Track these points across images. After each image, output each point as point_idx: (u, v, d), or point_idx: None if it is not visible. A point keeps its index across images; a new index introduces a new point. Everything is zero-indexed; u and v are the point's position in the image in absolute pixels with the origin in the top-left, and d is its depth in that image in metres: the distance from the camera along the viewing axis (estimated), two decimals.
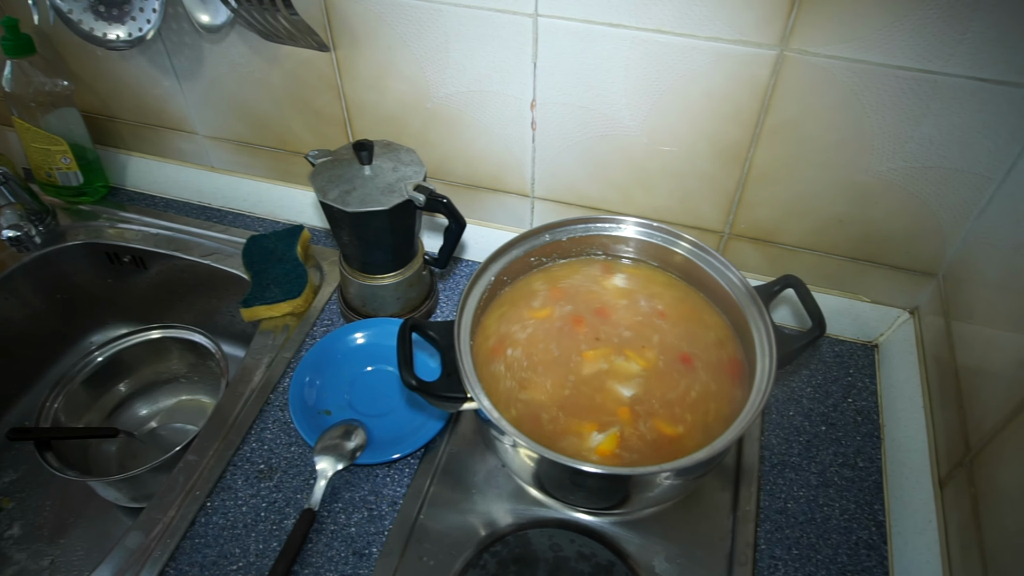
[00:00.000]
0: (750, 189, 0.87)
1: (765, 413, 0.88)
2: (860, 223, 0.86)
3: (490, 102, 0.90)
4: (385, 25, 0.86)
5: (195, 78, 1.03)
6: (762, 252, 0.94)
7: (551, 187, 0.97)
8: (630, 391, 0.73)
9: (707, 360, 0.76)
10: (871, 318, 0.95)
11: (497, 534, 0.75)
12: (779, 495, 0.80)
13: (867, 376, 0.93)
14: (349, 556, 0.74)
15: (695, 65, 0.78)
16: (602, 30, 0.78)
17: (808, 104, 0.77)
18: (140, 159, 1.19)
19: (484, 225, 1.06)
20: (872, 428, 0.87)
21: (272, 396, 0.89)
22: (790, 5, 0.71)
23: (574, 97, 0.86)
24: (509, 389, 0.73)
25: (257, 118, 1.05)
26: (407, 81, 0.91)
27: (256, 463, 0.82)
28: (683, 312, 0.81)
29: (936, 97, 0.73)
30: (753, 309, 0.75)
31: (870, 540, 0.76)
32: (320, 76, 0.95)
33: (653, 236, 0.83)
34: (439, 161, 1.00)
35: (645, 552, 0.73)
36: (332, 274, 1.05)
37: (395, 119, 0.97)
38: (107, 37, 0.92)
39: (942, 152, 0.77)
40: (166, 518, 0.77)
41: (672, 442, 0.70)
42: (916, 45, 0.70)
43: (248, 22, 0.86)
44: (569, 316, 0.80)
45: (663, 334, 0.78)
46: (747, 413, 0.66)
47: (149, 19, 0.91)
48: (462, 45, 0.85)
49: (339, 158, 0.86)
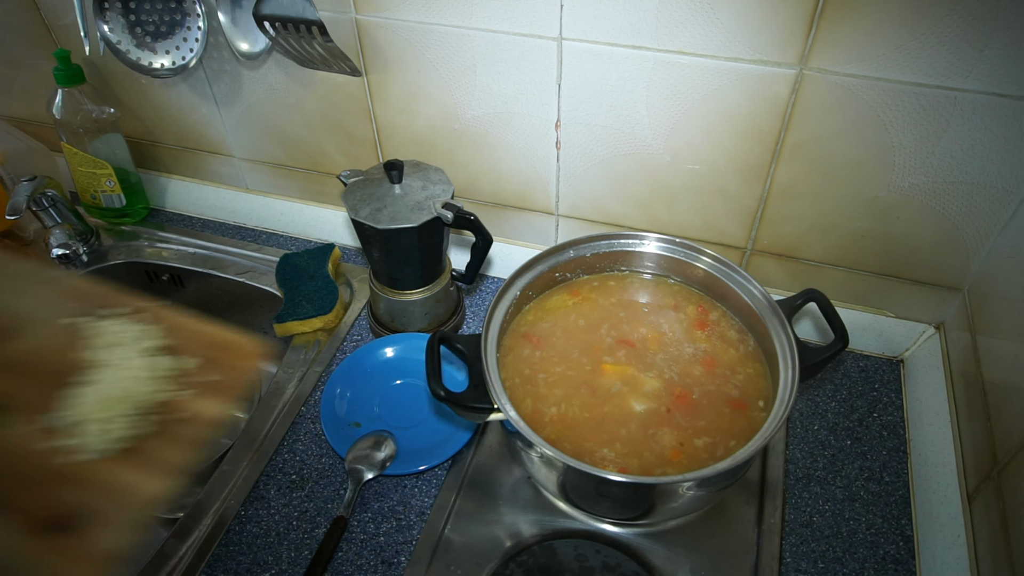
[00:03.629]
0: (772, 205, 0.89)
1: (790, 427, 0.88)
2: (883, 239, 0.87)
3: (516, 123, 0.93)
4: (415, 50, 0.90)
5: (233, 104, 1.07)
6: (785, 268, 0.95)
7: (575, 205, 0.99)
8: (647, 405, 0.74)
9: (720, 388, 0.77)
10: (896, 333, 0.95)
11: (523, 544, 0.76)
12: (804, 509, 0.80)
13: (893, 391, 0.92)
14: (378, 565, 0.76)
15: (716, 85, 0.80)
16: (625, 52, 0.81)
17: (828, 122, 0.79)
18: (179, 181, 1.24)
19: (510, 242, 1.08)
20: (898, 442, 0.86)
21: (304, 409, 0.92)
22: (809, 25, 0.72)
23: (598, 117, 0.88)
24: (535, 400, 0.75)
25: (291, 141, 1.09)
26: (436, 103, 0.95)
27: (288, 474, 0.85)
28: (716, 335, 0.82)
29: (956, 113, 0.73)
30: (776, 322, 0.76)
31: (897, 555, 0.76)
32: (352, 100, 0.99)
33: (675, 251, 0.84)
34: (467, 180, 1.02)
35: (670, 564, 0.74)
36: (362, 291, 1.08)
37: (424, 140, 1.00)
38: (152, 66, 0.98)
39: (964, 167, 0.77)
40: (201, 526, 0.80)
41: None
42: (935, 62, 0.71)
43: (285, 49, 0.91)
44: (593, 329, 0.82)
45: (689, 352, 0.79)
46: (770, 424, 0.67)
47: (192, 48, 0.96)
48: (489, 68, 0.88)
49: (370, 178, 0.89)
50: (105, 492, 0.49)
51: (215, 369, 0.60)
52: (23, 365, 0.56)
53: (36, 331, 0.58)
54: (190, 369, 0.59)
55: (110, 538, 0.47)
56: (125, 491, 0.49)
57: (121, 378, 0.55)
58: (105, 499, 0.48)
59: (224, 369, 0.60)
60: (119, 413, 0.53)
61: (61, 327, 0.58)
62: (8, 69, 1.17)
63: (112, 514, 0.48)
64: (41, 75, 1.14)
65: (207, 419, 0.56)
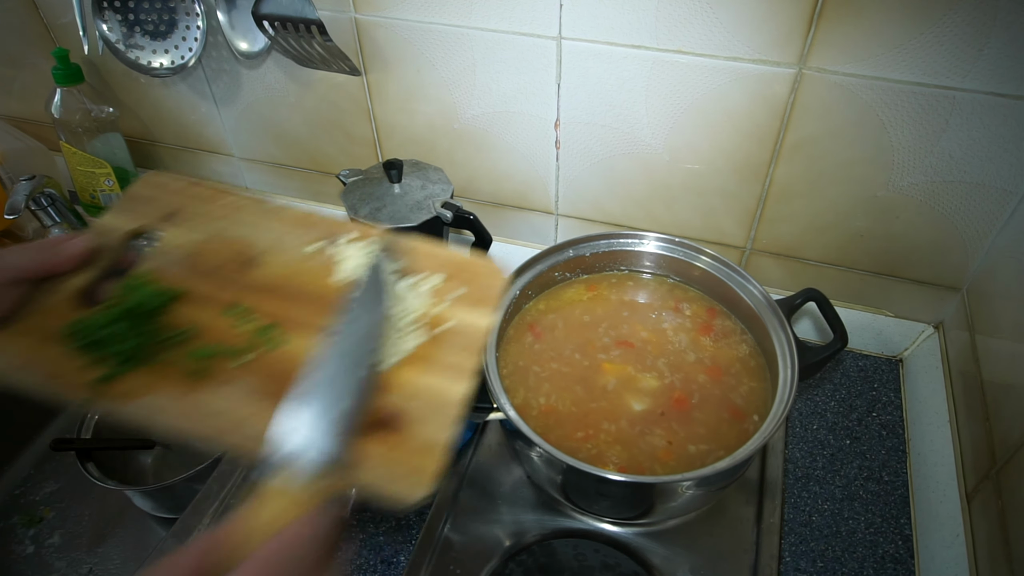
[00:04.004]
0: (771, 205, 0.89)
1: (789, 427, 0.88)
2: (882, 238, 0.87)
3: (515, 122, 0.93)
4: (414, 50, 0.90)
5: (232, 103, 1.07)
6: (784, 267, 0.95)
7: (575, 204, 0.99)
8: (647, 404, 0.74)
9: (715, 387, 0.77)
10: (895, 333, 0.95)
11: (522, 544, 0.76)
12: (804, 508, 0.80)
13: (892, 390, 0.92)
14: (378, 564, 0.76)
15: (715, 84, 0.80)
16: (624, 52, 0.81)
17: (827, 121, 0.79)
18: None
19: (509, 242, 1.08)
20: (897, 442, 0.86)
21: None
22: (808, 25, 0.72)
23: (597, 116, 0.88)
24: (534, 398, 0.75)
25: (290, 140, 1.09)
26: (435, 103, 0.95)
27: None
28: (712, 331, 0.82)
29: (955, 113, 0.74)
30: (775, 321, 0.76)
31: (896, 554, 0.76)
32: (352, 99, 0.99)
33: (674, 251, 0.85)
34: (466, 180, 1.02)
35: (669, 563, 0.74)
36: None
37: (424, 140, 1.00)
38: (151, 65, 0.97)
39: (963, 167, 0.77)
40: (200, 526, 0.80)
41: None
42: (934, 62, 0.71)
43: (284, 49, 0.91)
44: (592, 328, 0.82)
45: (689, 349, 0.79)
46: (769, 424, 0.67)
47: (191, 47, 0.96)
48: (488, 68, 0.88)
49: (370, 177, 0.89)
50: (413, 395, 0.55)
51: (460, 284, 0.64)
52: (283, 289, 0.61)
53: (282, 258, 0.63)
54: (437, 285, 0.63)
55: (428, 432, 0.52)
56: (430, 392, 0.55)
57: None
58: (415, 400, 0.54)
59: (469, 284, 0.64)
60: (394, 327, 0.58)
61: (307, 254, 0.63)
62: (7, 68, 1.17)
63: (426, 412, 0.54)
64: (40, 74, 1.14)
65: (475, 326, 0.61)
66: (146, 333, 0.55)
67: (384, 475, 0.50)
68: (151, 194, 0.66)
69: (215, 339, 0.56)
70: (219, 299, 0.59)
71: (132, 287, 0.58)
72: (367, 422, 0.52)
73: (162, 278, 0.59)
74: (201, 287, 0.60)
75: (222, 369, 0.55)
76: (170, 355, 0.55)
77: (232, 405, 0.53)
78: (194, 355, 0.55)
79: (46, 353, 0.53)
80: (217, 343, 0.56)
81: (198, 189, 0.67)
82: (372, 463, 0.50)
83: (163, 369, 0.54)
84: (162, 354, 0.55)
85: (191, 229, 0.64)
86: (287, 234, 0.65)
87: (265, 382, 0.54)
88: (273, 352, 0.56)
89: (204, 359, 0.55)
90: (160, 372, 0.54)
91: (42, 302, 0.56)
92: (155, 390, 0.53)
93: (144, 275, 0.59)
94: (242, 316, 0.58)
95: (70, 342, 0.54)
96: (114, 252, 0.60)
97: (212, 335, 0.57)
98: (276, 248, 0.64)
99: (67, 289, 0.57)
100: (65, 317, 0.55)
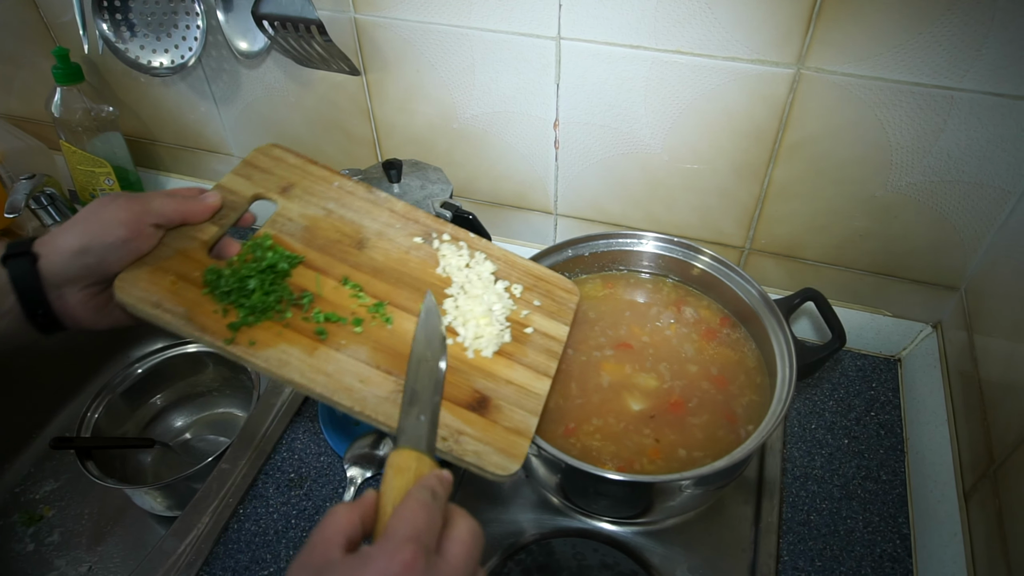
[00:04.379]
0: (770, 205, 0.89)
1: (787, 426, 0.88)
2: (880, 238, 0.87)
3: (514, 122, 0.93)
4: (413, 50, 0.90)
5: (232, 102, 1.07)
6: (783, 267, 0.95)
7: (574, 204, 1.00)
8: (645, 405, 0.74)
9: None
10: (894, 332, 0.95)
11: (521, 543, 0.76)
12: (802, 507, 0.80)
13: (890, 390, 0.93)
14: None
15: (714, 84, 0.80)
16: (623, 52, 0.81)
17: (826, 121, 0.79)
18: (178, 180, 1.24)
19: (509, 242, 1.08)
20: (895, 441, 0.87)
21: (303, 408, 0.92)
22: (806, 25, 0.73)
23: (596, 116, 0.88)
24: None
25: (290, 139, 1.09)
26: (434, 103, 0.95)
27: (287, 472, 0.85)
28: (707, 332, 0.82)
29: (954, 112, 0.74)
30: (773, 321, 0.76)
31: (894, 553, 0.76)
32: (351, 99, 0.99)
33: (673, 251, 0.85)
34: (465, 180, 1.03)
35: (668, 562, 0.74)
36: None
37: (423, 139, 1.00)
38: (151, 64, 0.98)
39: (961, 166, 0.77)
40: (200, 524, 0.80)
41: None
42: (932, 62, 0.71)
43: (284, 48, 0.91)
44: (591, 327, 0.82)
45: (688, 351, 0.80)
46: (767, 423, 0.67)
47: (191, 47, 0.96)
48: (487, 68, 0.88)
49: (369, 177, 0.89)
50: (504, 383, 0.63)
51: (537, 295, 0.71)
52: (389, 273, 0.67)
53: (388, 245, 0.69)
54: (518, 294, 0.70)
55: (518, 417, 0.61)
56: (518, 384, 0.63)
57: (478, 296, 0.67)
58: (506, 388, 0.62)
59: (545, 296, 0.71)
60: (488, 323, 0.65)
61: (412, 245, 0.70)
62: (7, 67, 1.17)
63: (514, 400, 0.62)
64: (40, 73, 1.15)
65: (550, 334, 0.68)
66: (275, 291, 0.61)
67: (482, 450, 0.57)
68: (269, 165, 0.71)
69: (334, 307, 0.63)
70: (333, 272, 0.65)
71: (259, 246, 0.64)
72: (467, 402, 0.60)
73: (283, 244, 0.65)
74: (317, 259, 0.66)
75: (342, 335, 0.61)
76: (294, 314, 0.61)
77: (348, 368, 0.59)
78: (318, 317, 0.61)
79: (184, 294, 0.59)
80: (337, 310, 0.62)
81: (313, 168, 0.72)
82: (472, 438, 0.58)
83: (291, 324, 0.60)
84: (287, 312, 0.61)
85: (306, 204, 0.69)
86: (392, 224, 0.70)
87: (375, 354, 0.61)
88: (383, 329, 0.63)
89: (328, 322, 0.61)
90: (287, 328, 0.60)
91: (176, 247, 0.61)
92: (283, 344, 0.59)
93: (267, 237, 0.65)
94: (355, 291, 0.64)
95: (207, 288, 0.59)
96: (238, 212, 0.66)
97: (331, 303, 0.63)
98: (383, 235, 0.69)
99: (199, 238, 0.62)
100: (199, 264, 0.61)
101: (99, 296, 0.60)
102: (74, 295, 0.58)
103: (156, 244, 0.60)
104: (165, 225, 0.60)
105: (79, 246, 0.56)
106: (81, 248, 0.56)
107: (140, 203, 0.58)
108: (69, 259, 0.56)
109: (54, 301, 0.58)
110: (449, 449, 0.56)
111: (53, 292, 0.58)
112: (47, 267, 0.57)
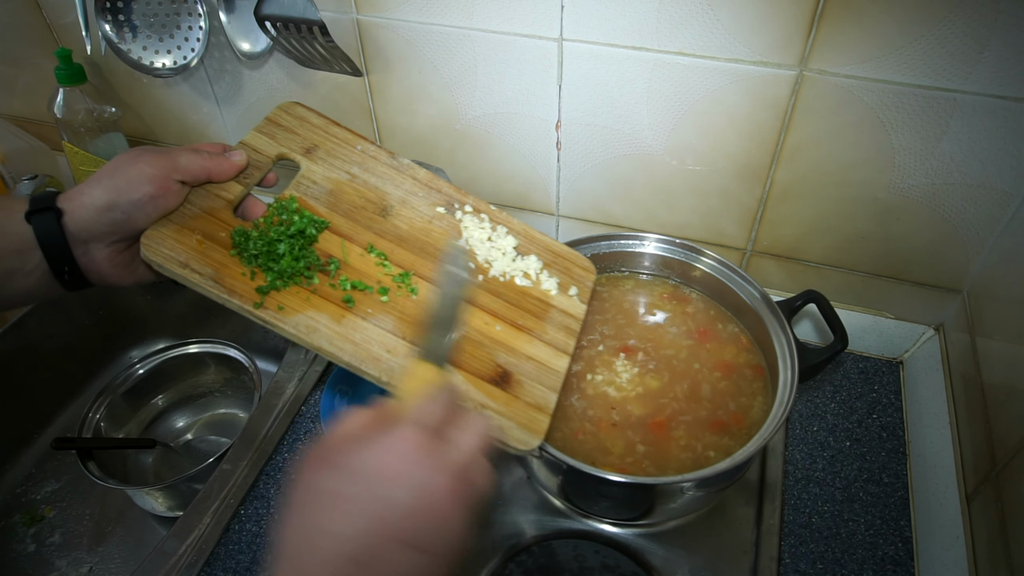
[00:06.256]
0: (772, 207, 0.89)
1: (789, 428, 0.88)
2: (883, 240, 0.87)
3: (516, 123, 0.93)
4: (416, 51, 0.90)
5: (234, 103, 1.08)
6: (785, 269, 0.95)
7: (575, 205, 1.00)
8: (646, 406, 0.74)
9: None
10: (896, 335, 0.95)
11: (522, 544, 0.76)
12: (803, 510, 0.80)
13: (892, 392, 0.92)
14: None
15: (716, 86, 0.80)
16: (625, 53, 0.81)
17: (828, 123, 0.79)
18: None
19: None
20: (897, 444, 0.86)
21: (304, 408, 0.92)
22: (809, 27, 0.72)
23: (598, 118, 0.88)
24: None
25: None
26: (437, 104, 0.95)
27: (288, 473, 0.85)
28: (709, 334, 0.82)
29: (956, 115, 0.74)
30: (775, 323, 0.76)
31: (896, 556, 0.76)
32: (353, 100, 0.99)
33: (675, 252, 0.85)
34: (467, 180, 1.02)
35: (669, 564, 0.74)
36: None
37: (425, 140, 1.00)
38: (154, 65, 0.98)
39: (963, 169, 0.77)
40: (201, 525, 0.80)
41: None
42: (935, 64, 0.71)
43: (286, 49, 0.91)
44: (592, 328, 0.82)
45: (689, 353, 0.80)
46: (769, 425, 0.67)
47: (193, 48, 0.96)
48: (490, 69, 0.88)
49: None
50: (526, 359, 0.63)
51: (556, 271, 0.71)
52: (413, 242, 0.67)
53: (412, 213, 0.68)
54: (538, 268, 0.70)
55: (538, 392, 0.61)
56: (539, 360, 0.63)
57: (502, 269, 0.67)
58: (527, 364, 0.62)
59: (563, 273, 0.71)
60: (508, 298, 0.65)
61: (435, 215, 0.69)
62: (9, 68, 1.17)
63: (535, 376, 0.62)
64: (42, 74, 1.15)
65: (569, 312, 0.68)
66: (305, 256, 0.61)
67: (505, 424, 0.58)
68: (292, 124, 0.71)
69: (360, 275, 0.62)
70: (358, 239, 0.64)
71: (284, 208, 0.63)
72: (490, 376, 0.61)
73: (307, 207, 0.65)
74: (342, 224, 0.65)
75: (368, 303, 0.61)
76: (321, 280, 0.61)
77: (375, 337, 0.59)
78: (345, 284, 0.61)
79: (211, 255, 0.58)
80: (363, 278, 0.62)
81: (336, 129, 0.72)
82: (495, 412, 0.59)
83: (318, 291, 0.60)
84: (315, 278, 0.61)
85: (330, 167, 0.69)
86: (415, 192, 0.70)
87: (401, 325, 0.61)
88: (409, 299, 0.62)
89: (355, 290, 0.61)
90: (315, 294, 0.60)
91: (202, 205, 0.60)
92: (311, 310, 0.59)
93: (292, 200, 0.64)
94: (380, 260, 0.64)
95: (235, 250, 0.59)
96: (262, 172, 0.65)
97: (357, 271, 0.63)
98: (406, 203, 0.69)
99: (225, 197, 0.62)
100: (225, 224, 0.60)
101: (124, 252, 0.59)
102: (100, 251, 0.57)
103: (182, 201, 0.59)
104: (191, 183, 0.59)
105: (105, 202, 0.55)
106: (107, 204, 0.55)
107: (167, 159, 0.57)
108: (95, 215, 0.55)
109: (80, 257, 0.57)
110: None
111: (79, 248, 0.56)
112: (72, 223, 0.55)
